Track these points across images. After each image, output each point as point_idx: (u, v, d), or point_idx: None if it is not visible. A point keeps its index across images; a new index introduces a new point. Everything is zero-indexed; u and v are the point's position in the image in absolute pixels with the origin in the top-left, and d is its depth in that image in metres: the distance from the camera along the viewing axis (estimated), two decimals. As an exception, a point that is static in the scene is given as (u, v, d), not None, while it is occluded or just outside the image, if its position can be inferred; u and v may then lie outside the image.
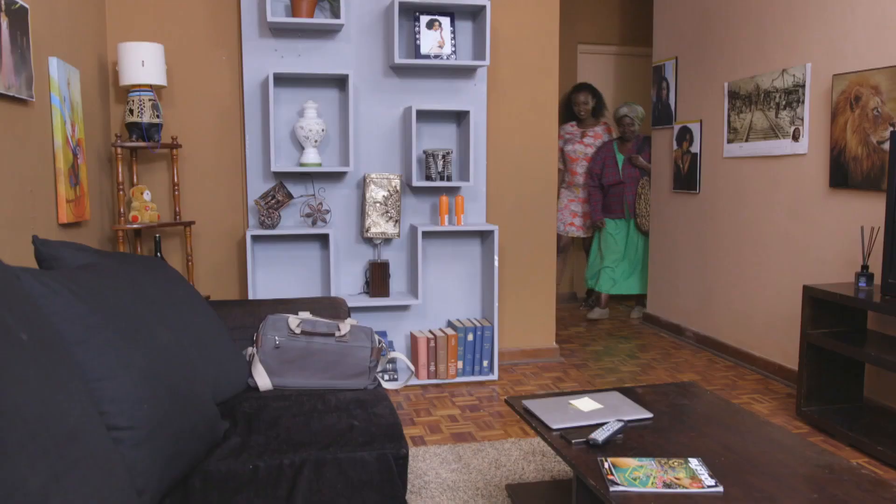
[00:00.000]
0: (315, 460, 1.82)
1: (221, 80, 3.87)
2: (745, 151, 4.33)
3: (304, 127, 3.70)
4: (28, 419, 1.16)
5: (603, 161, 5.62)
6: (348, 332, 2.49)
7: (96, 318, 1.56)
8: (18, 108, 2.48)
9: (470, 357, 4.02)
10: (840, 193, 3.65)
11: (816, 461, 1.89)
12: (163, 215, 3.81)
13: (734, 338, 4.52)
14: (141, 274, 2.07)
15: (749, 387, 3.98)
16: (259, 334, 2.45)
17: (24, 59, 2.44)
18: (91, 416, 1.38)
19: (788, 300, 4.04)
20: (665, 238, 5.29)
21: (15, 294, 1.36)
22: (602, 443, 1.95)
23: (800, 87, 3.87)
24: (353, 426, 2.03)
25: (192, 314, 2.21)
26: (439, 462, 2.91)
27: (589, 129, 5.81)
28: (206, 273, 3.94)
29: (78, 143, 3.07)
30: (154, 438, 1.55)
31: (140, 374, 1.58)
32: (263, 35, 3.80)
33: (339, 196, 3.98)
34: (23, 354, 1.24)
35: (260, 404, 2.20)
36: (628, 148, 5.59)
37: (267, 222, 3.70)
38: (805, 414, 3.36)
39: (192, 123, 3.84)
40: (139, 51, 3.41)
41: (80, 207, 3.08)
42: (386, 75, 3.97)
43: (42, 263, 1.88)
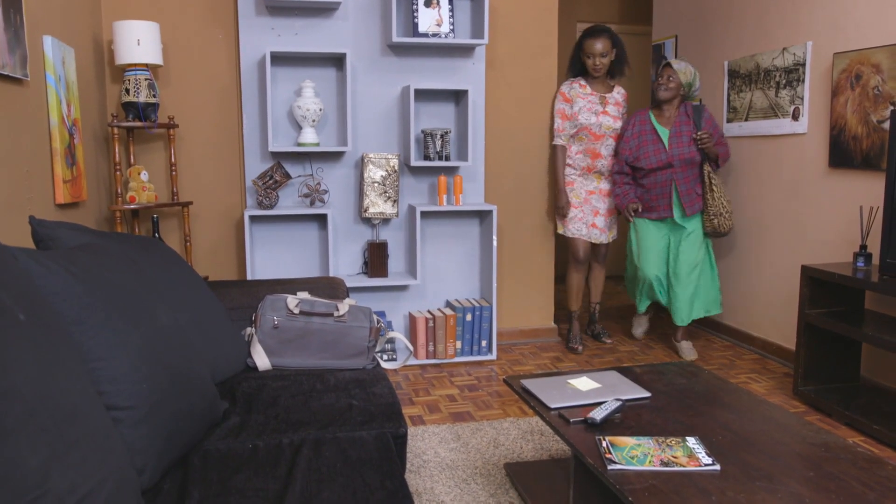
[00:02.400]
0: (314, 439, 1.83)
1: (218, 60, 3.84)
2: (745, 131, 4.32)
3: (302, 106, 3.68)
4: (27, 399, 1.16)
5: (639, 137, 4.06)
6: (347, 312, 2.49)
7: (94, 299, 1.55)
8: (13, 87, 2.46)
9: (468, 337, 4.03)
10: (839, 173, 3.64)
11: (813, 440, 1.90)
12: (160, 196, 3.79)
13: (732, 318, 4.53)
14: (139, 254, 2.07)
15: (747, 366, 4.00)
16: (258, 314, 2.45)
17: (18, 37, 2.42)
18: (90, 395, 1.38)
19: (787, 280, 4.04)
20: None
21: (12, 274, 1.36)
22: (600, 422, 1.96)
23: (800, 66, 3.84)
24: (351, 406, 2.03)
25: (190, 294, 2.21)
26: (438, 441, 2.93)
27: (608, 94, 4.21)
28: (204, 253, 3.93)
29: (74, 123, 3.05)
30: (153, 418, 1.55)
31: (139, 353, 1.58)
32: (260, 13, 3.77)
33: (337, 176, 3.96)
34: (21, 335, 1.24)
35: (259, 384, 2.21)
36: (673, 118, 4.06)
37: (265, 202, 3.69)
38: (802, 393, 3.38)
39: (189, 103, 3.82)
40: (134, 29, 3.38)
41: (77, 188, 3.06)
42: (384, 54, 3.94)
43: (39, 244, 1.88)
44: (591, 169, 4.25)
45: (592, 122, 4.14)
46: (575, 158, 4.25)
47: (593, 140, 4.18)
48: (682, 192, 4.01)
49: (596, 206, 4.28)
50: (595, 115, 4.15)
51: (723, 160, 4.02)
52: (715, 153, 3.97)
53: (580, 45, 4.17)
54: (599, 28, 4.12)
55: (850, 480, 1.66)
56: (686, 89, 4.02)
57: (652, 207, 4.12)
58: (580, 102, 4.14)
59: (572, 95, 4.16)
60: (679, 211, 4.07)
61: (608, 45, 4.09)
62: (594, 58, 4.10)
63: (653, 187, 4.07)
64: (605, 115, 4.16)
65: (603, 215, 4.29)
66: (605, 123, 4.15)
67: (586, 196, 4.27)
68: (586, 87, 4.17)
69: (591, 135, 4.16)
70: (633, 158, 4.07)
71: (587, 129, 4.15)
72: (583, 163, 4.23)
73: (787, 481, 1.66)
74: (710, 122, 4.01)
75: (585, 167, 4.24)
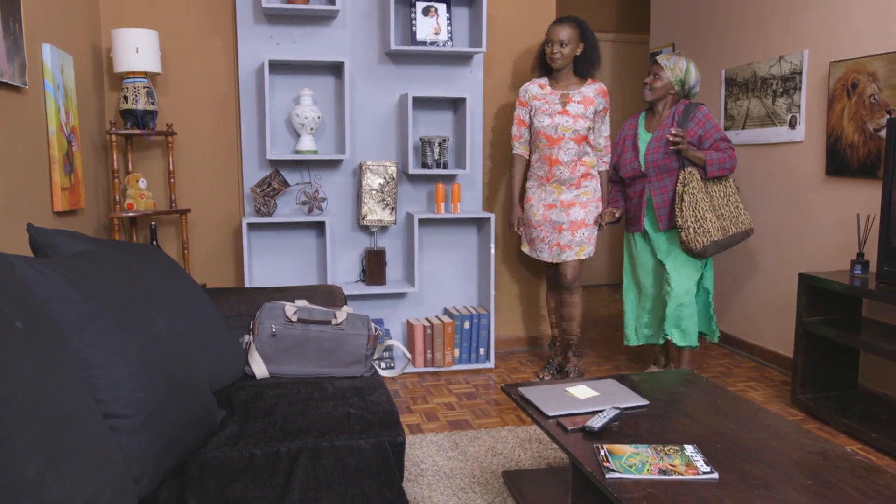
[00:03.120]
0: (312, 448, 1.82)
1: (216, 67, 3.84)
2: (742, 139, 4.33)
3: (300, 114, 3.69)
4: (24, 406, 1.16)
5: (623, 143, 3.70)
6: (345, 319, 2.49)
7: (92, 306, 1.55)
8: (12, 94, 2.46)
9: (466, 345, 4.03)
10: (836, 181, 3.65)
11: (811, 448, 1.90)
12: (158, 203, 3.79)
13: (730, 326, 4.53)
14: (136, 262, 2.06)
15: (744, 374, 4.00)
16: (255, 322, 2.44)
17: (17, 45, 2.42)
18: (87, 403, 1.38)
19: (784, 288, 4.05)
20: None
21: (10, 282, 1.36)
22: (598, 430, 1.96)
23: (797, 74, 3.86)
24: (349, 414, 2.03)
25: (188, 302, 2.20)
26: (436, 450, 2.92)
27: (573, 91, 3.65)
28: (202, 261, 3.93)
29: (72, 131, 3.05)
30: (150, 426, 1.55)
31: (136, 361, 1.58)
32: (259, 21, 3.78)
33: (335, 184, 3.96)
34: (18, 342, 1.23)
35: (256, 392, 2.20)
36: (660, 122, 3.58)
37: (263, 210, 3.69)
38: (800, 401, 3.37)
39: (188, 111, 3.82)
40: (133, 37, 3.38)
41: (75, 195, 3.06)
42: (382, 62, 3.95)
43: (37, 251, 1.88)
44: (549, 178, 3.65)
45: (545, 123, 3.62)
46: (534, 168, 3.74)
47: (549, 144, 3.61)
48: (656, 204, 3.56)
49: (558, 222, 3.65)
50: (549, 115, 3.61)
51: (717, 167, 3.41)
52: (698, 157, 3.40)
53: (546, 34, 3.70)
54: (568, 17, 3.65)
55: (848, 489, 1.66)
56: (678, 87, 3.53)
57: (631, 220, 3.71)
58: (536, 104, 3.69)
59: (528, 97, 3.72)
60: (652, 224, 3.62)
61: (573, 35, 3.57)
62: (553, 44, 3.59)
63: (633, 197, 3.68)
64: (563, 115, 3.60)
65: (567, 230, 3.65)
66: (563, 124, 3.58)
67: (544, 213, 3.68)
68: (545, 87, 3.70)
69: (546, 138, 3.62)
70: (618, 166, 3.72)
71: (540, 132, 3.64)
72: (540, 171, 3.70)
73: (786, 490, 1.66)
74: (701, 123, 3.47)
75: (543, 176, 3.68)
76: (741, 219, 3.51)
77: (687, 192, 3.40)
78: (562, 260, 3.68)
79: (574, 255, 3.66)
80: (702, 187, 3.43)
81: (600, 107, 3.67)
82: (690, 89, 3.55)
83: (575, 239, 3.65)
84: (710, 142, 3.47)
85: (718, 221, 3.44)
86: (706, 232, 3.40)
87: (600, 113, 3.69)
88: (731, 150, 3.44)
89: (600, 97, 3.66)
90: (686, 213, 3.40)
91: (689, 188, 3.41)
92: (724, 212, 3.48)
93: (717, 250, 3.44)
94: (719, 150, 3.45)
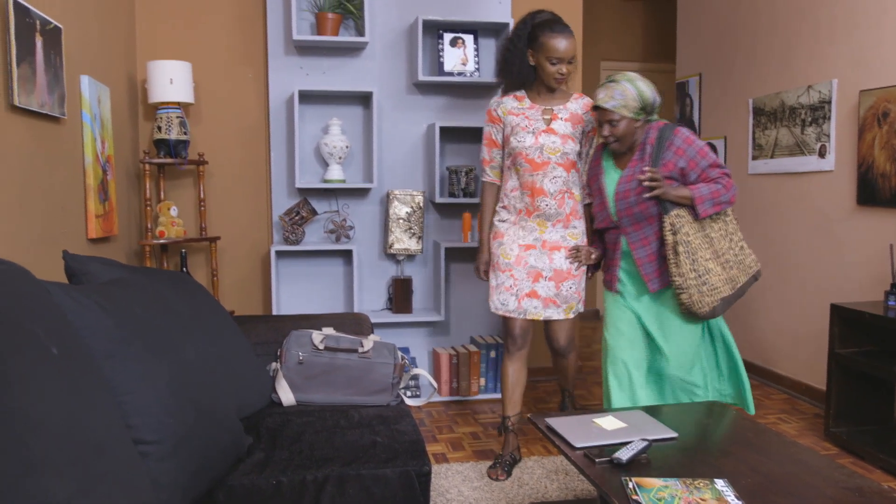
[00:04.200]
0: (338, 476, 1.82)
1: (247, 98, 3.92)
2: (771, 168, 4.30)
3: (329, 143, 3.74)
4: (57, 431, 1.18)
5: (590, 183, 2.93)
6: (371, 348, 2.50)
7: (124, 333, 1.58)
8: (51, 125, 2.53)
9: (492, 374, 4.01)
10: (868, 210, 3.60)
11: (845, 484, 1.85)
12: (189, 231, 3.85)
13: (760, 356, 4.46)
14: (167, 289, 2.10)
15: (775, 406, 3.92)
16: (283, 350, 2.46)
17: (57, 77, 2.50)
18: (118, 429, 1.39)
19: (815, 318, 3.98)
20: (689, 255, 5.24)
21: (46, 308, 1.38)
22: (626, 462, 1.93)
23: (826, 104, 3.83)
24: (375, 442, 2.02)
25: (216, 329, 2.23)
26: (461, 480, 2.90)
27: (558, 106, 2.94)
28: (230, 288, 3.97)
29: (107, 160, 3.12)
30: (179, 452, 1.56)
31: (166, 388, 1.60)
32: (289, 53, 3.85)
33: (362, 212, 4.00)
34: (53, 368, 1.26)
35: (283, 419, 2.21)
36: (631, 155, 2.77)
37: (291, 238, 3.73)
38: (833, 435, 3.30)
39: (219, 140, 3.89)
40: (167, 69, 3.47)
41: (109, 223, 3.12)
42: (410, 92, 4.00)
43: (72, 278, 1.92)
44: (531, 212, 2.94)
45: (528, 143, 2.89)
46: (510, 197, 3.00)
47: (531, 170, 2.89)
48: (639, 260, 2.75)
49: (537, 267, 2.92)
50: (533, 134, 2.89)
51: (710, 204, 2.63)
52: (683, 197, 2.63)
53: (534, 38, 2.88)
54: (558, 18, 2.91)
55: (885, 526, 1.62)
56: (642, 115, 2.69)
57: (607, 274, 2.91)
58: (512, 120, 2.95)
59: (501, 112, 2.99)
60: (636, 285, 2.81)
61: (575, 46, 2.86)
62: (560, 64, 2.84)
63: (608, 246, 2.90)
64: (548, 133, 2.88)
65: (549, 280, 2.92)
66: (549, 146, 2.87)
67: (520, 253, 2.94)
68: (523, 100, 2.97)
69: (528, 162, 2.89)
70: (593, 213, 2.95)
71: (521, 154, 2.90)
72: (519, 203, 2.96)
73: (820, 526, 1.62)
74: (681, 151, 2.67)
75: (522, 209, 2.96)
76: (748, 262, 2.77)
77: (681, 242, 2.64)
78: (544, 317, 2.95)
79: (560, 314, 2.95)
80: (698, 231, 2.66)
81: (589, 126, 2.95)
82: (654, 105, 2.71)
83: (561, 293, 2.93)
84: (697, 172, 2.68)
85: (725, 272, 2.70)
86: (713, 290, 2.65)
87: (589, 134, 2.97)
88: (725, 178, 2.67)
89: (589, 115, 2.93)
90: (685, 268, 2.63)
91: (683, 236, 2.63)
92: (730, 257, 2.71)
93: (725, 308, 2.71)
94: (709, 180, 2.67)
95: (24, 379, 1.17)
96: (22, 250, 2.29)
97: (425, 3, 3.96)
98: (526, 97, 2.98)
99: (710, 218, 2.69)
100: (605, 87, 2.67)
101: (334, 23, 3.71)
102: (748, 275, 2.77)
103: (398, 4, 3.95)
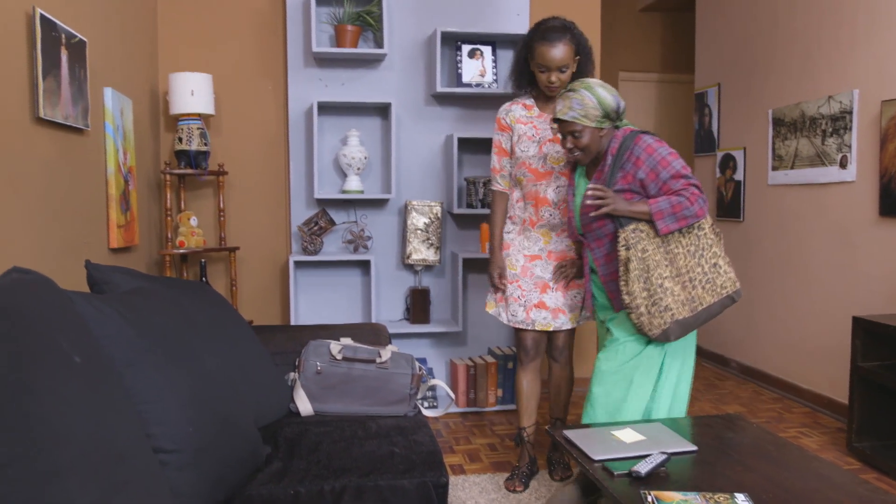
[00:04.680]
0: (355, 487, 1.82)
1: (267, 109, 3.95)
2: (791, 179, 4.27)
3: (347, 154, 3.76)
4: (80, 440, 1.19)
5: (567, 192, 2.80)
6: (389, 358, 2.50)
7: (145, 342, 1.59)
8: (75, 136, 2.56)
9: (510, 385, 3.99)
10: (890, 222, 3.56)
11: (869, 500, 1.83)
12: (208, 241, 3.88)
13: (780, 369, 4.41)
14: (187, 298, 2.11)
15: (797, 420, 3.88)
16: (301, 359, 2.47)
17: (81, 90, 2.53)
18: (139, 438, 1.40)
19: (836, 330, 3.93)
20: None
21: (69, 318, 1.40)
22: (645, 475, 1.92)
23: (847, 114, 3.80)
24: (393, 453, 2.02)
25: (235, 339, 2.24)
26: (479, 491, 2.89)
27: None
28: (249, 298, 3.99)
29: (129, 171, 3.15)
30: (198, 462, 1.57)
31: (186, 397, 1.61)
32: (308, 65, 3.88)
33: (380, 223, 4.01)
34: (76, 377, 1.27)
35: (301, 429, 2.22)
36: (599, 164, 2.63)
37: (309, 248, 3.75)
38: (856, 449, 3.26)
39: (239, 151, 3.93)
40: (189, 81, 3.51)
41: (130, 232, 3.16)
42: (428, 104, 4.02)
43: (94, 287, 1.94)
44: (534, 222, 2.90)
45: (531, 153, 2.86)
46: (515, 209, 2.99)
47: (534, 180, 2.87)
48: (603, 277, 2.63)
49: (543, 278, 2.90)
50: (537, 143, 2.86)
51: (671, 219, 2.41)
52: (639, 213, 2.44)
53: (530, 46, 2.83)
54: (558, 24, 2.79)
55: (910, 543, 1.59)
56: (607, 123, 2.53)
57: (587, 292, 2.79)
58: (520, 128, 2.91)
59: (509, 120, 2.94)
60: (603, 300, 2.68)
61: (570, 54, 2.75)
62: (549, 72, 2.77)
63: (583, 262, 2.79)
64: (553, 142, 2.83)
65: (557, 290, 2.90)
66: (553, 154, 2.84)
67: (525, 264, 2.93)
68: (532, 108, 2.92)
69: (531, 172, 2.87)
70: None
71: (524, 163, 2.88)
72: (523, 213, 2.94)
73: (843, 542, 1.59)
74: (641, 161, 2.49)
75: (526, 220, 2.93)
76: (720, 282, 2.49)
77: (633, 258, 2.44)
78: (553, 327, 2.91)
79: (568, 323, 2.91)
80: (658, 246, 2.46)
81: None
82: (618, 111, 2.54)
83: (568, 302, 2.90)
84: (658, 184, 2.46)
85: (684, 292, 2.47)
86: (664, 310, 2.44)
87: None
88: (690, 190, 2.42)
89: None
90: (634, 286, 2.44)
91: (639, 252, 2.44)
92: (695, 276, 2.47)
93: (682, 332, 2.48)
94: (673, 192, 2.44)
95: (48, 387, 1.18)
96: (46, 260, 2.32)
97: (443, 15, 3.98)
98: (535, 105, 2.94)
99: (680, 232, 2.47)
100: (563, 97, 2.54)
101: (353, 35, 3.74)
102: (719, 296, 2.49)
103: (417, 16, 3.97)
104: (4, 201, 2.06)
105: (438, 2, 3.98)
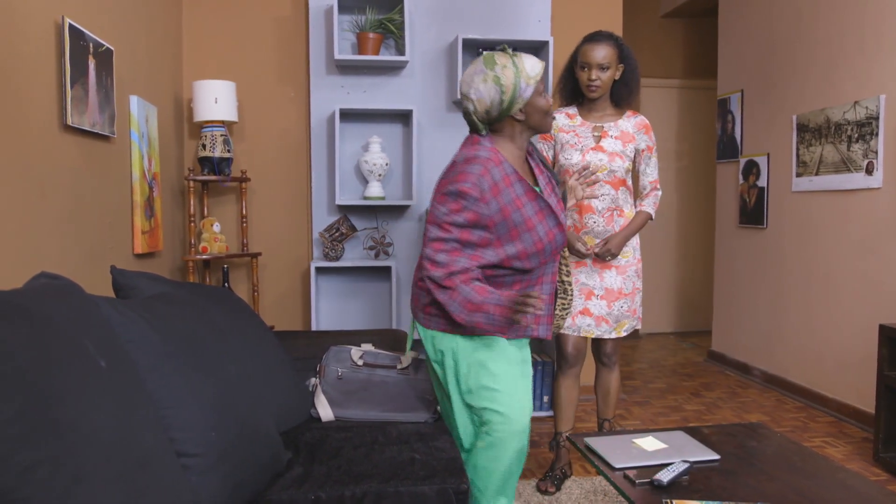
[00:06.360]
0: (376, 493, 1.83)
1: (289, 116, 3.99)
2: (815, 185, 4.22)
3: (369, 161, 3.78)
4: (105, 444, 1.20)
5: None
6: (410, 364, 2.50)
7: (168, 347, 1.61)
8: (101, 143, 2.60)
9: (535, 392, 3.97)
10: (918, 229, 3.51)
11: (896, 510, 1.80)
12: (231, 247, 3.92)
13: (804, 377, 4.36)
14: (210, 304, 2.13)
15: (821, 429, 3.83)
16: (322, 365, 2.48)
17: (107, 98, 2.57)
18: (162, 442, 1.42)
19: (862, 339, 3.88)
20: (730, 274, 5.16)
21: (95, 322, 1.42)
22: (667, 484, 1.91)
23: (873, 120, 3.76)
24: (413, 459, 2.03)
25: (257, 344, 2.26)
26: (499, 498, 2.88)
27: (608, 123, 2.96)
28: (271, 303, 4.02)
29: (154, 177, 3.19)
30: (220, 466, 1.58)
31: (209, 402, 1.62)
32: (330, 72, 3.91)
33: (401, 229, 4.02)
34: (102, 381, 1.29)
35: (322, 435, 2.23)
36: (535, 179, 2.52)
37: (331, 254, 3.77)
38: (883, 460, 3.20)
39: (261, 158, 3.96)
40: (212, 88, 3.55)
41: (154, 238, 3.19)
42: (449, 110, 4.03)
43: (119, 292, 1.96)
44: (579, 229, 2.95)
45: (575, 161, 2.91)
46: None
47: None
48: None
49: (588, 284, 2.94)
50: (580, 152, 2.91)
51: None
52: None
53: (575, 52, 2.97)
54: (605, 31, 2.95)
55: (938, 556, 1.57)
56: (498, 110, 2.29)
57: None
58: (563, 137, 2.97)
59: (553, 130, 3.00)
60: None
61: (612, 55, 2.87)
62: (590, 69, 2.87)
63: None
64: (596, 151, 2.90)
65: (601, 298, 2.94)
66: (596, 163, 2.89)
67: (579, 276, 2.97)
68: (575, 118, 2.99)
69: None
70: None
71: (568, 172, 2.94)
72: (568, 221, 2.96)
73: (869, 554, 1.57)
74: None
75: (571, 227, 2.97)
76: None
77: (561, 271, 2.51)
78: (596, 335, 2.95)
79: (612, 333, 2.96)
80: None
81: (643, 144, 2.95)
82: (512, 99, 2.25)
83: (613, 312, 2.94)
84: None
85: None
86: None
87: (643, 152, 2.97)
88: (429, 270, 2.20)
89: (642, 133, 2.95)
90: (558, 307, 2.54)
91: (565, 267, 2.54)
92: None
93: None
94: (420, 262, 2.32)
95: (75, 391, 1.20)
96: (73, 265, 2.36)
97: (465, 22, 4.00)
98: (577, 114, 3.00)
99: None
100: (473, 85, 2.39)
101: (375, 42, 3.76)
102: None
103: (438, 24, 3.99)
104: (33, 207, 2.10)
105: (460, 9, 3.99)
